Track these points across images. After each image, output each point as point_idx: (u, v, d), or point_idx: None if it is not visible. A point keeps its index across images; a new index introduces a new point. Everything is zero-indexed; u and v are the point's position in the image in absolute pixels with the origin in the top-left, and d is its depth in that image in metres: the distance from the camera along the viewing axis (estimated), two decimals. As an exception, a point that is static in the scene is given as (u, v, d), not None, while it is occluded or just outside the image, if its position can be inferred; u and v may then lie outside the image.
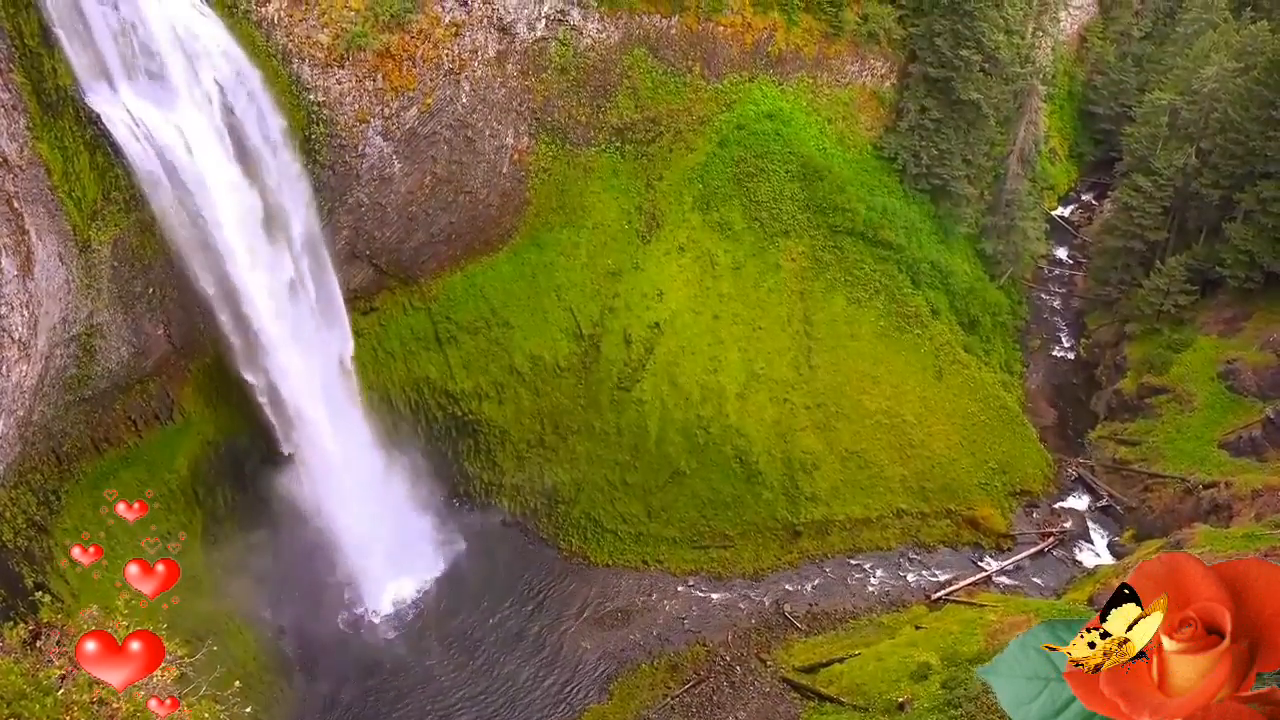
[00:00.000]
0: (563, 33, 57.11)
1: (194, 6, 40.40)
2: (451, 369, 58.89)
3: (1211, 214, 68.35)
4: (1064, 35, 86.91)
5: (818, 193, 64.74)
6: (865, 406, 61.92)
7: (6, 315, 34.71)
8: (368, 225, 53.48)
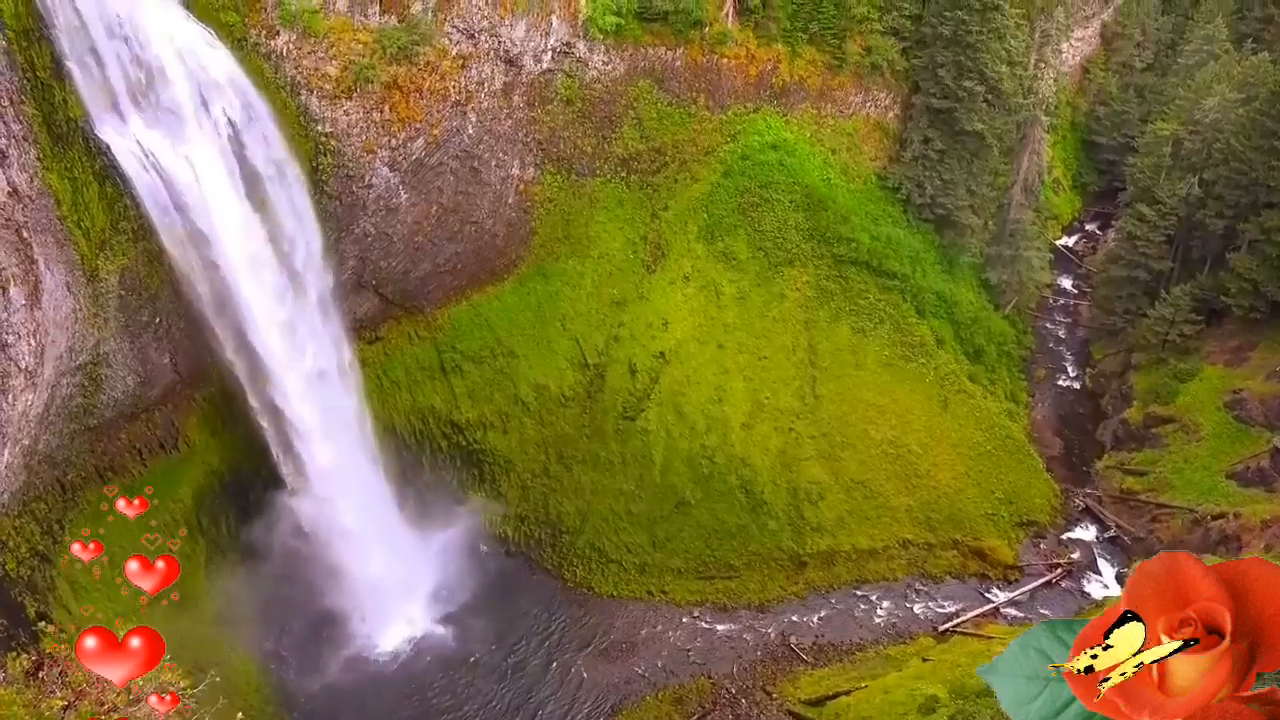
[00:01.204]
0: (568, 65, 57.63)
1: (204, 39, 40.85)
2: (456, 399, 58.89)
3: (1216, 243, 68.41)
4: (1066, 67, 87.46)
5: (822, 222, 64.96)
6: (870, 436, 61.74)
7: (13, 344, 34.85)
8: (374, 255, 53.73)
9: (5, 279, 34.33)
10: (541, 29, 55.31)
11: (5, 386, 35.27)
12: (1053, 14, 73.55)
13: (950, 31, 64.91)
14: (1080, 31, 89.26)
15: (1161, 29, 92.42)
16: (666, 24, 59.98)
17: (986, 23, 64.15)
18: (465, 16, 51.47)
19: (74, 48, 36.35)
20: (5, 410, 35.57)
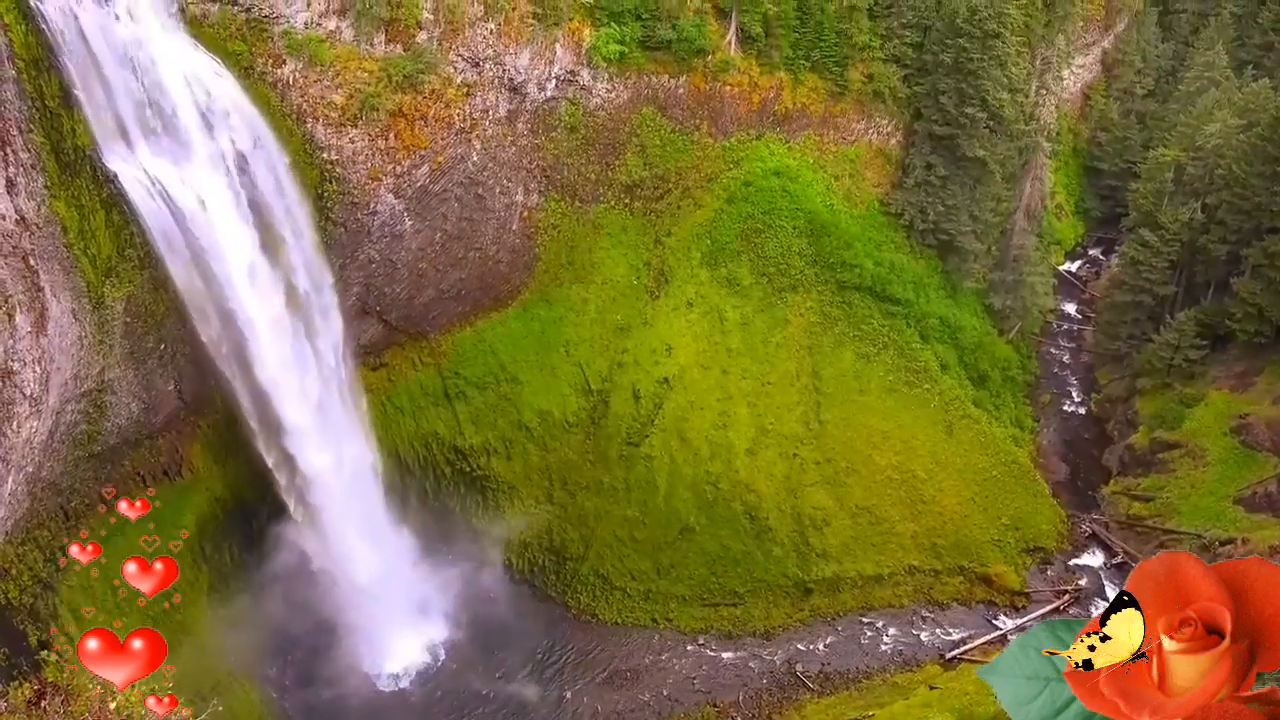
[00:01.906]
0: (572, 93, 58.03)
1: (211, 68, 41.21)
2: (460, 425, 58.85)
3: (1219, 269, 68.41)
4: (1067, 93, 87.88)
5: (825, 248, 65.11)
6: (875, 462, 61.54)
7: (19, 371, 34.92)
8: (378, 281, 53.89)
9: (11, 306, 34.46)
10: (546, 57, 55.76)
11: (10, 414, 35.32)
12: (1053, 41, 74.00)
13: (951, 59, 65.32)
14: (1081, 59, 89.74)
15: (1162, 56, 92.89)
16: (670, 52, 60.45)
17: (988, 50, 64.55)
18: (470, 45, 51.90)
19: (82, 77, 36.68)
20: (10, 438, 35.59)
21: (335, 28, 46.69)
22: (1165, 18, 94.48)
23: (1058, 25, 76.08)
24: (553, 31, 55.24)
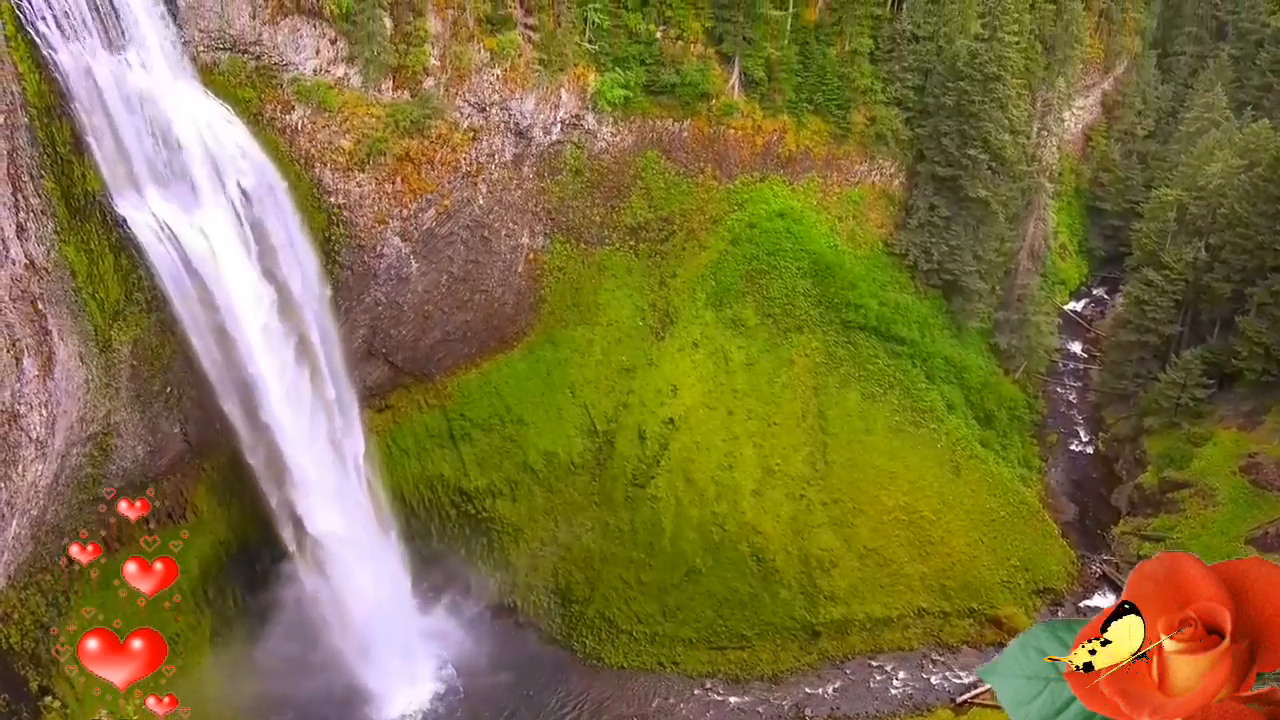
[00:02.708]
0: (577, 136, 58.61)
1: (221, 114, 41.75)
2: (465, 466, 58.72)
3: (1224, 307, 68.42)
4: (1068, 134, 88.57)
5: (830, 289, 65.28)
6: (882, 503, 61.18)
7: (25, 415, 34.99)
8: (384, 324, 54.09)
9: (19, 350, 34.63)
10: (551, 102, 56.40)
11: (15, 457, 35.33)
12: (1054, 84, 74.74)
13: (953, 101, 65.94)
14: (1081, 100, 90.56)
15: (1162, 97, 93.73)
16: (674, 96, 61.12)
17: (988, 93, 65.17)
18: (476, 91, 52.55)
19: (94, 124, 37.16)
20: (15, 481, 35.57)
21: (343, 74, 47.35)
22: (1164, 60, 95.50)
23: (1057, 68, 76.90)
24: (558, 77, 55.94)
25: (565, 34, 55.71)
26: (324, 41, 46.45)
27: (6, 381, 34.12)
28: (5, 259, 34.03)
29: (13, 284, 34.43)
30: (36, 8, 35.23)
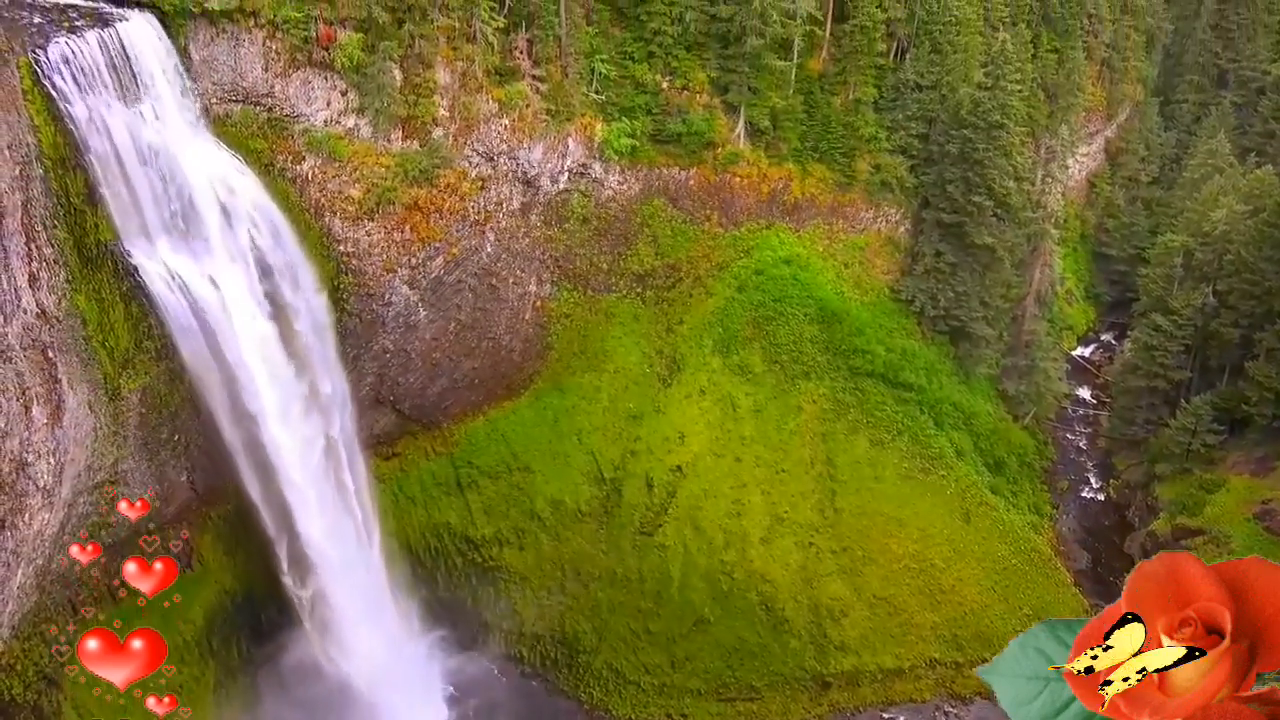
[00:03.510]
0: (584, 185, 59.14)
1: (233, 165, 42.29)
2: (472, 514, 58.45)
3: (1233, 353, 68.23)
4: (1072, 181, 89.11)
5: (836, 335, 65.31)
6: (892, 551, 60.61)
7: (33, 463, 35.00)
8: (392, 371, 54.20)
9: (29, 399, 34.73)
10: (558, 151, 57.00)
11: (22, 506, 35.27)
12: (1057, 131, 75.38)
13: (957, 149, 66.47)
14: (1085, 148, 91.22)
15: (1165, 144, 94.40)
16: (680, 145, 61.74)
17: (993, 140, 65.70)
18: (484, 140, 53.17)
19: (107, 175, 37.64)
20: (21, 530, 35.48)
21: (353, 125, 47.98)
22: (1166, 107, 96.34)
23: (1060, 116, 77.66)
24: (565, 126, 56.59)
25: (572, 85, 56.46)
26: (335, 93, 47.15)
27: (15, 430, 34.19)
28: (17, 308, 34.28)
29: (24, 333, 34.64)
30: (53, 62, 35.88)
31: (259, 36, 44.43)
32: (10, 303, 33.83)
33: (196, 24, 42.76)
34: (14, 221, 34.03)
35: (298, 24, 44.63)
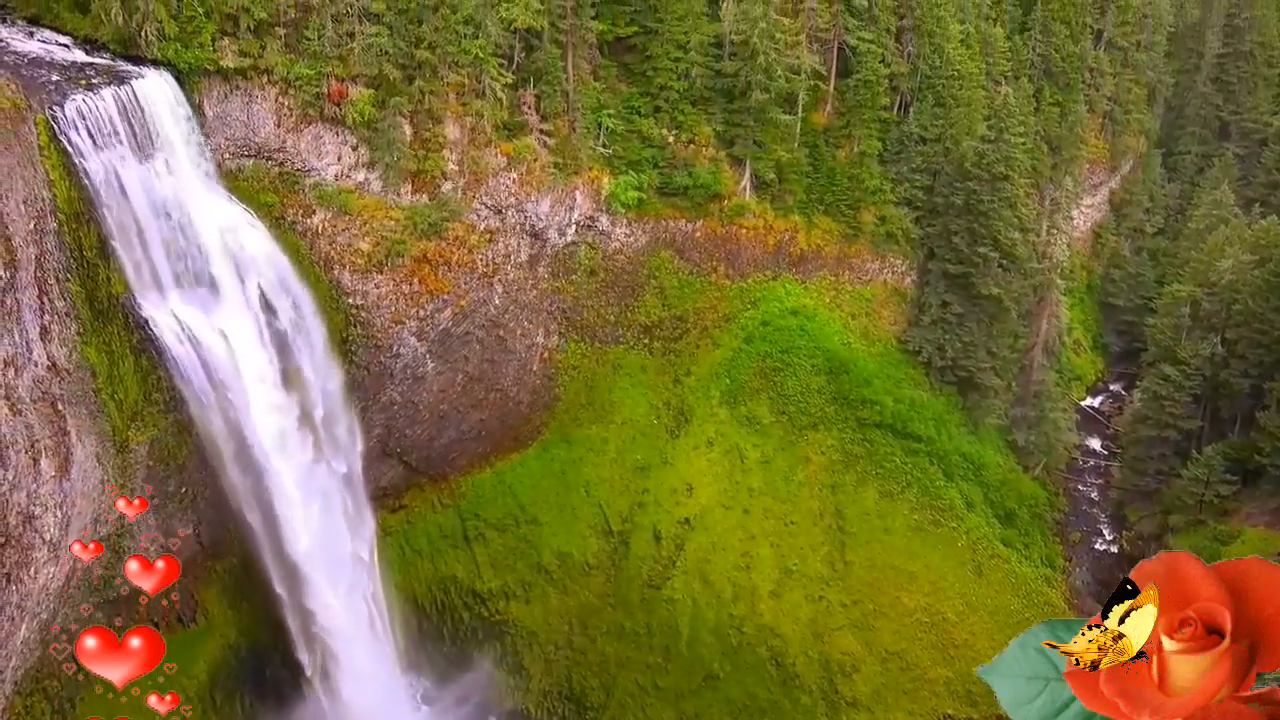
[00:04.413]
0: (592, 237, 59.57)
1: (244, 219, 42.76)
2: (479, 567, 57.99)
3: (1244, 402, 67.87)
4: (1077, 232, 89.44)
5: (844, 386, 65.19)
6: (904, 604, 59.85)
7: (40, 516, 34.93)
8: (399, 423, 54.19)
9: (37, 451, 34.75)
10: (566, 204, 57.53)
11: (28, 559, 35.12)
12: (1061, 183, 75.88)
13: (962, 201, 66.90)
14: (1089, 199, 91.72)
15: (1169, 195, 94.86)
16: (686, 198, 62.27)
17: (997, 192, 66.14)
18: (493, 194, 53.71)
19: (120, 228, 38.07)
20: (26, 584, 35.28)
21: (364, 179, 48.57)
22: (1169, 159, 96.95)
23: (1064, 168, 78.19)
24: (572, 180, 57.18)
25: (580, 139, 57.16)
26: (345, 148, 47.80)
27: (23, 482, 34.16)
28: (29, 361, 34.46)
29: (34, 385, 34.78)
30: (70, 118, 36.50)
31: (272, 93, 45.20)
32: (22, 355, 34.02)
33: (211, 81, 43.55)
34: (28, 275, 34.36)
35: (310, 81, 45.41)
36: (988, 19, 76.51)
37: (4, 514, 33.59)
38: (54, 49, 41.53)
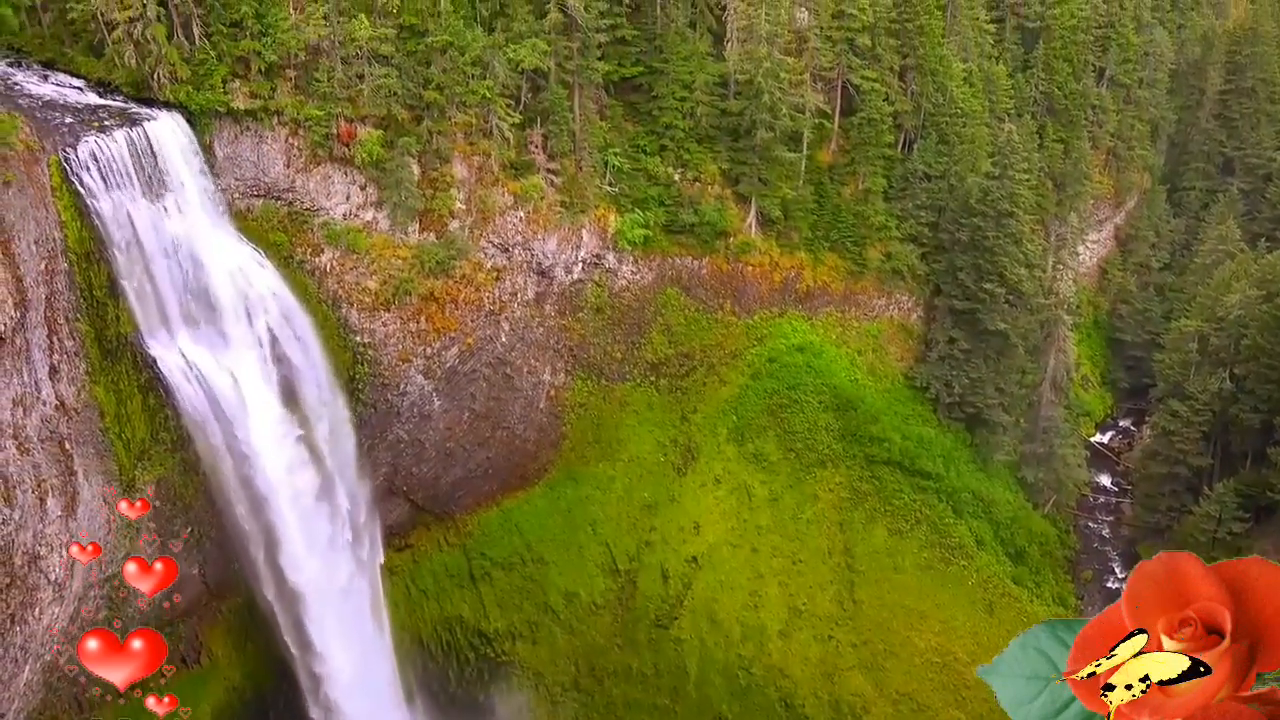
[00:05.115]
0: (598, 275, 59.72)
1: (253, 258, 42.96)
2: (485, 607, 57.50)
3: (1255, 438, 67.39)
4: (1084, 267, 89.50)
5: (852, 423, 64.94)
6: (914, 644, 59.15)
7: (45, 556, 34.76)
8: (406, 461, 54.02)
9: (44, 490, 34.66)
10: (572, 242, 57.74)
11: (33, 600, 34.91)
12: (1066, 219, 76.02)
13: (967, 237, 67.03)
14: (1094, 234, 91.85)
15: (1174, 231, 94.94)
16: (692, 235, 62.49)
17: (1002, 228, 66.29)
18: (500, 232, 53.96)
19: (130, 268, 38.25)
20: (30, 625, 35.04)
21: (372, 218, 48.84)
22: (1174, 194, 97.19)
23: (1069, 204, 78.40)
24: (579, 218, 57.45)
25: (586, 178, 57.50)
26: (354, 187, 48.13)
27: (29, 522, 34.04)
28: (37, 400, 34.48)
29: (42, 425, 34.77)
30: (82, 160, 36.82)
31: (282, 134, 45.61)
32: (31, 394, 34.06)
33: (222, 122, 43.97)
34: (38, 314, 34.48)
35: (320, 122, 45.82)
36: (990, 57, 77.12)
37: (9, 554, 33.44)
38: (68, 92, 42.02)
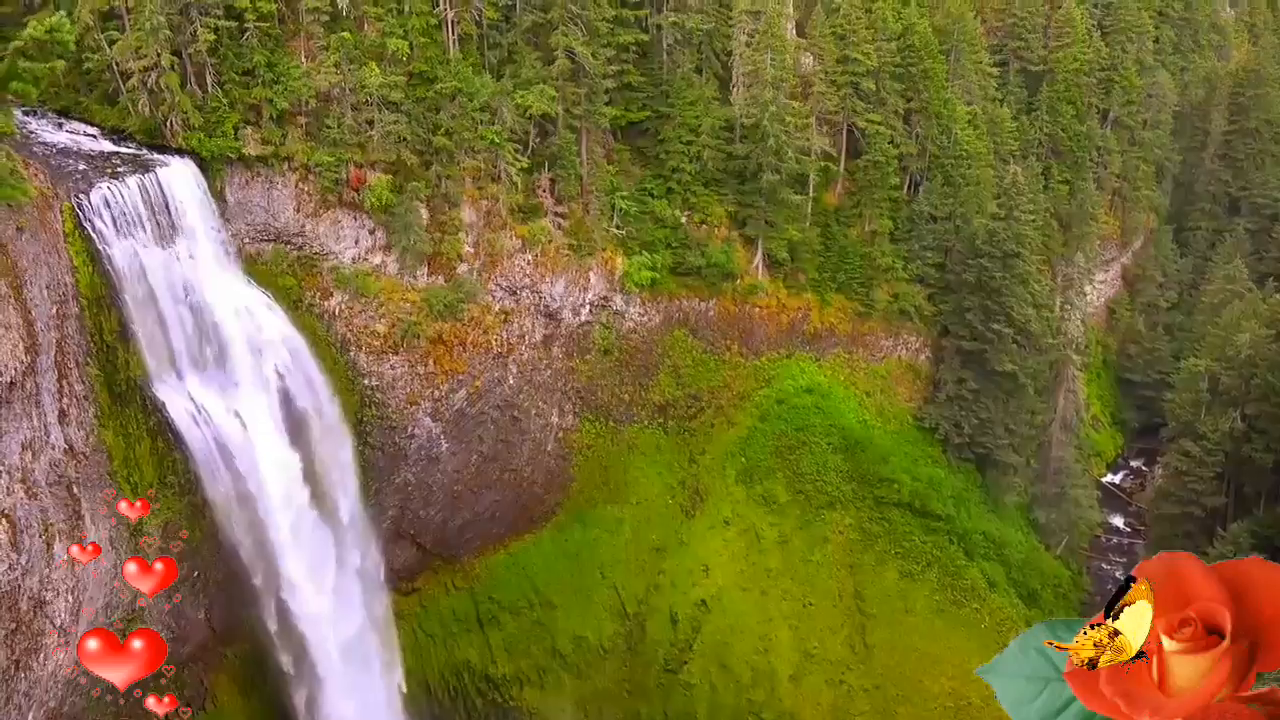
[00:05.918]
0: (606, 317, 59.91)
1: (263, 302, 43.24)
2: (493, 652, 56.98)
3: (1268, 478, 66.75)
4: (1091, 307, 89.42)
5: (861, 464, 64.62)
6: (928, 689, 58.32)
7: (51, 601, 34.63)
8: (414, 504, 53.88)
9: (51, 535, 34.62)
10: (580, 285, 58.01)
11: (38, 645, 34.72)
12: (1073, 259, 76.15)
13: (974, 278, 67.14)
14: (1102, 274, 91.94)
15: (1182, 270, 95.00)
16: (700, 277, 62.74)
17: (1009, 269, 66.39)
18: (508, 275, 54.26)
19: (141, 313, 38.53)
20: (35, 671, 34.81)
21: (380, 262, 49.19)
22: (1180, 234, 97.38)
23: (1075, 244, 78.61)
24: (587, 261, 57.76)
25: (594, 221, 57.91)
26: (363, 231, 48.54)
27: (35, 567, 33.96)
28: (46, 444, 34.57)
29: (50, 469, 34.82)
30: (95, 205, 37.26)
31: (292, 179, 46.13)
32: (40, 439, 34.15)
33: (233, 168, 44.53)
34: (48, 359, 34.68)
35: (330, 167, 46.36)
36: (994, 100, 77.75)
37: (15, 600, 33.34)
38: (82, 139, 42.65)
